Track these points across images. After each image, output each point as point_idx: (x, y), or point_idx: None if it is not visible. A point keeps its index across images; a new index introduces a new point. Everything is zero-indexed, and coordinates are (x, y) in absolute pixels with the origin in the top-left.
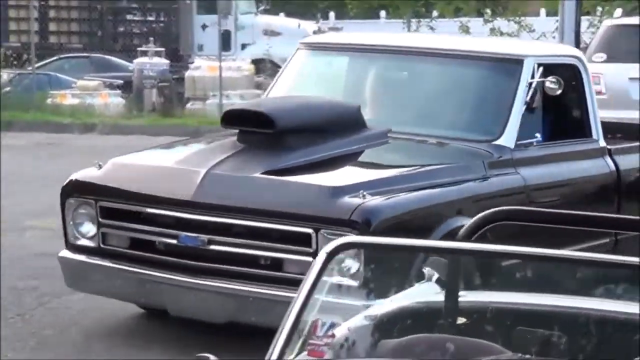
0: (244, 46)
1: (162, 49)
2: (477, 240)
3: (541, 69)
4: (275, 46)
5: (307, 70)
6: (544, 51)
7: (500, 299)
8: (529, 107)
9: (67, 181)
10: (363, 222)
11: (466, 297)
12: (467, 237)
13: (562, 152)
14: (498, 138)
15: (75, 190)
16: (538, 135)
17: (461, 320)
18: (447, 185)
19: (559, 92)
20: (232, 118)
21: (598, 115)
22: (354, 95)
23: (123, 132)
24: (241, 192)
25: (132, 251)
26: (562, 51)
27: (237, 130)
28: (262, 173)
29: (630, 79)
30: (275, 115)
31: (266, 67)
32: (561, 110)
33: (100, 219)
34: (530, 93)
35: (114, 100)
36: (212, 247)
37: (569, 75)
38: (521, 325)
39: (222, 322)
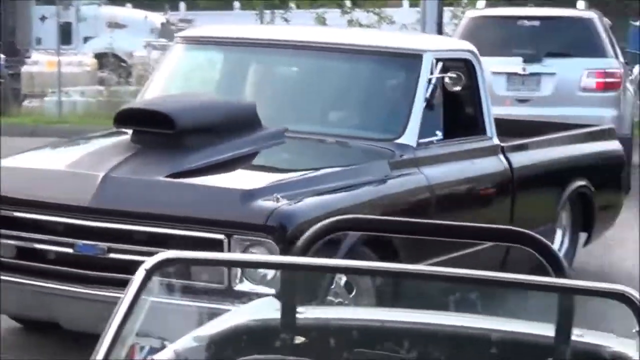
0: (86, 39)
1: None
2: (317, 252)
3: (440, 64)
4: (119, 39)
5: (186, 66)
6: (441, 45)
7: (343, 315)
8: (429, 104)
9: None
10: (279, 227)
11: (305, 313)
12: (305, 249)
13: (461, 150)
14: (400, 137)
15: None
16: (438, 133)
17: (299, 339)
18: (355, 187)
19: (459, 88)
20: (126, 118)
21: (492, 111)
22: (239, 92)
23: None
24: (144, 196)
25: (20, 261)
26: (458, 45)
27: (129, 131)
28: (167, 176)
29: (494, 73)
30: (175, 115)
31: (109, 62)
32: (456, 107)
33: None
34: (430, 89)
35: None
36: (113, 255)
37: (464, 70)
38: (365, 343)
39: None
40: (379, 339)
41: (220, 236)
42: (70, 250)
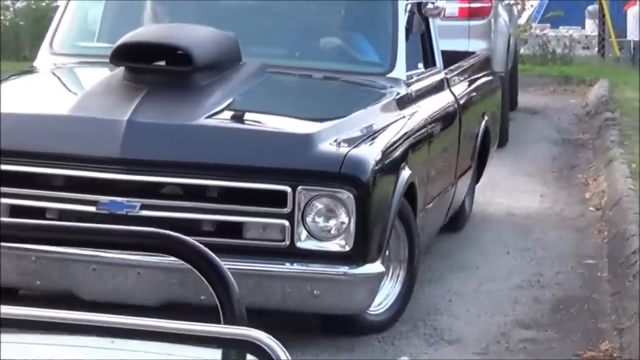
0: None
1: None
2: None
3: None
4: None
5: None
6: None
7: None
8: (407, 36)
9: None
10: (355, 175)
11: None
12: None
13: (431, 82)
14: (390, 71)
15: None
16: (420, 65)
17: None
18: (386, 126)
19: (439, 13)
20: (127, 52)
21: (438, 39)
22: (173, 20)
23: None
24: (185, 144)
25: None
26: None
27: (118, 67)
28: (204, 119)
29: None
30: (193, 51)
31: None
32: (416, 34)
33: None
34: (407, 17)
35: None
36: (147, 212)
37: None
38: None
39: (157, 305)
40: None
41: (284, 187)
42: (92, 209)
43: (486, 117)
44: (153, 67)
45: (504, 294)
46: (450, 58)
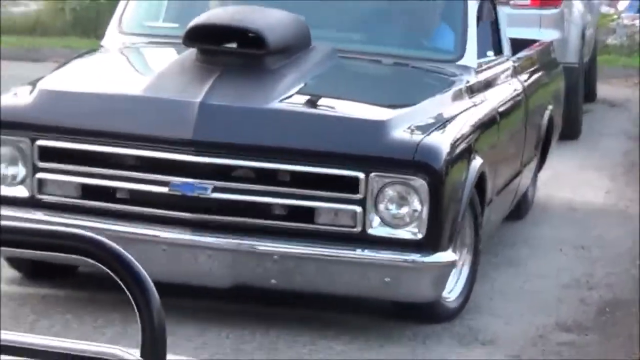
0: None
1: None
2: None
3: None
4: None
5: None
6: None
7: None
8: (478, 22)
9: None
10: (427, 162)
11: None
12: None
13: (501, 71)
14: (460, 58)
15: None
16: (490, 53)
17: None
18: (458, 114)
19: (508, 3)
20: (199, 33)
21: (506, 26)
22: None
23: None
24: (259, 127)
25: (91, 203)
26: None
27: (190, 48)
28: (278, 102)
29: None
30: (267, 34)
31: None
32: (487, 21)
33: (37, 162)
34: (478, 4)
35: None
36: (219, 195)
37: None
38: None
39: (227, 287)
40: None
41: (357, 173)
42: (164, 190)
43: (550, 107)
44: (226, 49)
45: (549, 294)
46: (514, 46)
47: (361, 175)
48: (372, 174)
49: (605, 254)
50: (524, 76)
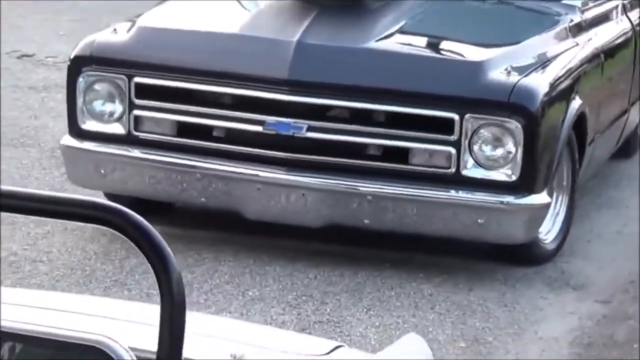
0: None
1: None
2: None
3: None
4: None
5: None
6: None
7: None
8: None
9: (81, 47)
10: (524, 104)
11: None
12: None
13: (607, 9)
14: None
15: (95, 61)
16: None
17: None
18: (557, 55)
19: None
20: None
21: None
22: None
23: None
24: (354, 67)
25: (188, 140)
26: None
27: None
28: (375, 42)
29: None
30: None
31: None
32: None
33: (134, 99)
34: None
35: None
36: (313, 135)
37: None
38: None
39: (319, 226)
40: None
41: (452, 115)
42: (259, 128)
43: None
44: None
45: None
46: None
47: (456, 116)
48: (467, 116)
49: None
50: (634, 13)
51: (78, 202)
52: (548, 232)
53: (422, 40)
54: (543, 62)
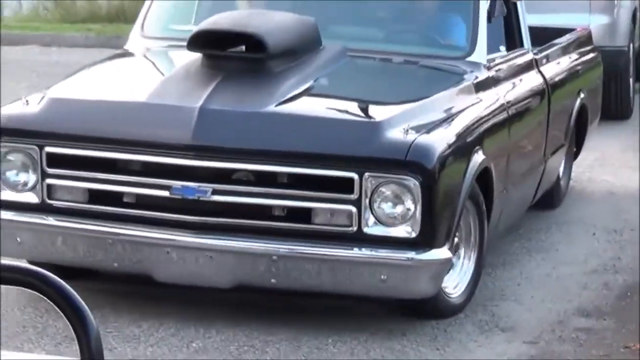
0: None
1: None
2: None
3: None
4: None
5: None
6: None
7: None
8: (489, 18)
9: None
10: (420, 162)
11: None
12: None
13: (516, 64)
14: (470, 54)
15: (6, 133)
16: (502, 48)
17: None
18: (459, 112)
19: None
20: (203, 39)
21: (527, 24)
22: (265, 5)
23: None
24: (256, 131)
25: (95, 207)
26: None
27: (195, 53)
28: (275, 106)
29: None
30: (267, 37)
31: None
32: (499, 16)
33: (46, 168)
34: (489, 1)
35: None
36: (218, 198)
37: None
38: None
39: (228, 287)
40: None
41: (352, 174)
42: (166, 194)
43: (582, 95)
44: (228, 54)
45: (575, 279)
46: (549, 35)
47: (355, 175)
48: (366, 175)
49: (634, 237)
50: (548, 67)
51: (5, 267)
52: (456, 286)
53: (323, 102)
54: (444, 119)
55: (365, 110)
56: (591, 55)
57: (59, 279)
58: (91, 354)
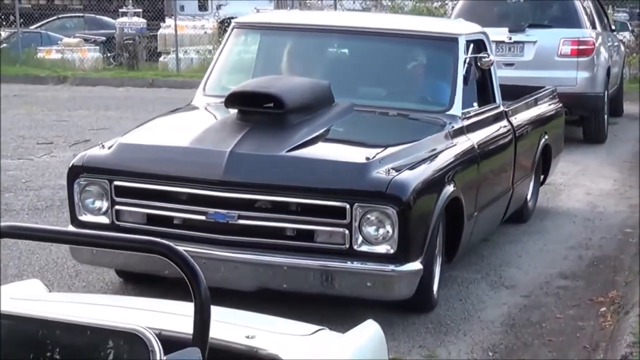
0: (219, 7)
1: (140, 10)
2: None
3: (471, 45)
4: (245, 6)
5: (244, 49)
6: (467, 29)
7: None
8: (465, 80)
9: (77, 159)
10: (397, 195)
11: None
12: None
13: (487, 116)
14: (449, 109)
15: (86, 170)
16: (475, 104)
17: None
18: (433, 155)
19: (491, 64)
20: (237, 98)
21: (498, 82)
22: (300, 72)
23: (90, 84)
24: (273, 170)
25: (155, 227)
26: (475, 29)
27: (233, 109)
28: (287, 151)
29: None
30: (285, 97)
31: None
32: (473, 80)
33: (115, 197)
34: (465, 67)
35: (93, 55)
36: (243, 222)
37: (480, 49)
38: None
39: (253, 290)
40: None
41: (344, 204)
42: (203, 218)
43: (546, 136)
44: (255, 110)
45: (559, 253)
46: (523, 91)
47: (347, 205)
48: (356, 204)
49: (603, 224)
50: (517, 117)
51: (140, 240)
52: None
53: (327, 147)
54: (422, 160)
55: (359, 153)
56: (554, 106)
57: (179, 248)
58: (202, 302)
